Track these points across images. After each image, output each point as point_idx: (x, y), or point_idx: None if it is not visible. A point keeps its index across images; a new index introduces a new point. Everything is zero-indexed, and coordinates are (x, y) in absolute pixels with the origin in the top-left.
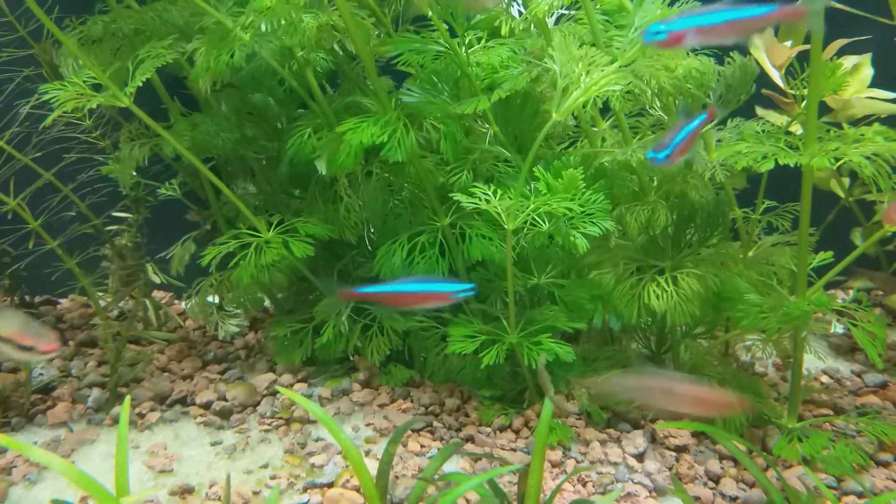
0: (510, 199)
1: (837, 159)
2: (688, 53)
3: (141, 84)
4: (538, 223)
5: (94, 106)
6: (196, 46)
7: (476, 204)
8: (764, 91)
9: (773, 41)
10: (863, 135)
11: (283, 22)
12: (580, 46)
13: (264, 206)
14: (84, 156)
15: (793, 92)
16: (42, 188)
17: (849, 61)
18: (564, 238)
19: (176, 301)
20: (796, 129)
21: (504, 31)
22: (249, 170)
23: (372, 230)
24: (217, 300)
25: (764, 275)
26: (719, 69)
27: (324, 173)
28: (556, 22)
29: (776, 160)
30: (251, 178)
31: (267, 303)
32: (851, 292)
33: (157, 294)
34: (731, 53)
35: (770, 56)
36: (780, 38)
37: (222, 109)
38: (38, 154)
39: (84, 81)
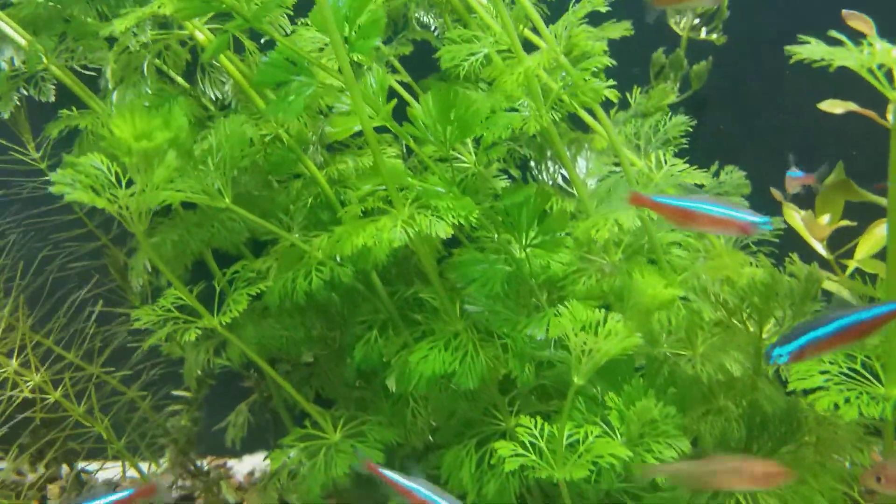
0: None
1: None
2: (751, 263)
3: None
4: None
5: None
6: (269, 265)
7: (524, 457)
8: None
9: (811, 218)
10: None
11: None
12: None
13: (323, 390)
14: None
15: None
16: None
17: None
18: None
19: (230, 465)
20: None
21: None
22: None
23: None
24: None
25: (839, 475)
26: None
27: (393, 390)
28: None
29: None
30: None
31: None
32: None
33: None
34: (791, 254)
35: (810, 231)
36: (818, 213)
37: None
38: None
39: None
